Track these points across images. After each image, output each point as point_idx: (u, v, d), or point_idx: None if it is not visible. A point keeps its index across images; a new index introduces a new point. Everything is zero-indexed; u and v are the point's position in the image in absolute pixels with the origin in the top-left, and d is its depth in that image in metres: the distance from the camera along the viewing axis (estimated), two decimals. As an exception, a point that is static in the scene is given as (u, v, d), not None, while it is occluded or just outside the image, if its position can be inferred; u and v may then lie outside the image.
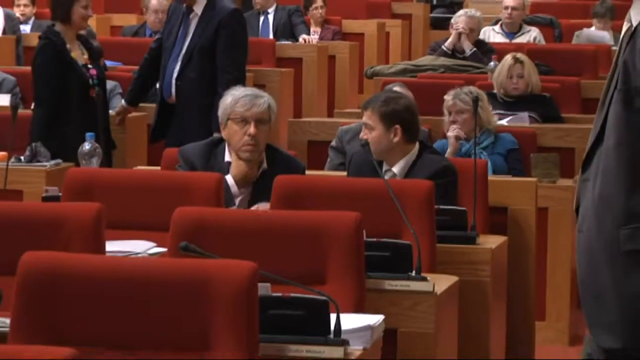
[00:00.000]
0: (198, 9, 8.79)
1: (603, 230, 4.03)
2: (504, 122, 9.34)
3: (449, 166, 7.08)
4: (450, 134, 8.18)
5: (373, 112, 6.82)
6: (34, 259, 4.39)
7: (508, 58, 10.02)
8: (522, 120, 9.40)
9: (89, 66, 8.85)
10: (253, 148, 6.49)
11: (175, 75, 8.79)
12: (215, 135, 7.35)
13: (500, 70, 9.93)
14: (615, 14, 13.70)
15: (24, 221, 5.54)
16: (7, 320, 4.23)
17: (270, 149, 6.65)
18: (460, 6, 15.09)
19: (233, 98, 6.67)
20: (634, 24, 4.07)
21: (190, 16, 8.82)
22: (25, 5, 14.59)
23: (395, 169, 6.68)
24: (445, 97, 8.27)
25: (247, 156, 6.49)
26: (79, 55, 8.83)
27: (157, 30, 12.33)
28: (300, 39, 13.47)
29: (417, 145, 6.90)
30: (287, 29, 13.77)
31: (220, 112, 6.64)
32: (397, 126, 6.87)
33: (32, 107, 8.91)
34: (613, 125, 4.04)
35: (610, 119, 4.06)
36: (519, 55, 10.38)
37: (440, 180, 6.59)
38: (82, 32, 9.35)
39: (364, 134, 6.81)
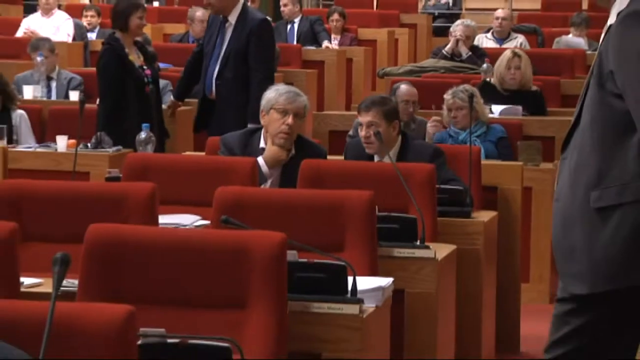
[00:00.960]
0: (232, 19, 8.78)
1: (577, 195, 4.08)
2: (501, 107, 9.35)
3: (437, 148, 7.09)
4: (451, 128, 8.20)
5: (377, 112, 6.78)
6: (98, 230, 4.41)
7: (507, 52, 9.98)
8: (517, 111, 9.38)
9: (144, 67, 8.86)
10: (287, 137, 6.50)
11: (215, 75, 8.78)
12: (250, 125, 7.35)
13: (500, 62, 9.90)
14: (590, 24, 13.70)
15: (90, 198, 5.55)
16: (76, 282, 4.23)
17: (298, 138, 6.65)
18: (457, 17, 15.06)
19: (277, 92, 6.68)
20: (610, 23, 4.11)
21: (226, 25, 8.81)
22: (91, 16, 14.66)
23: (387, 159, 6.65)
24: (445, 96, 8.25)
25: (281, 142, 6.50)
26: (136, 58, 8.85)
27: (199, 37, 12.36)
28: (323, 45, 13.47)
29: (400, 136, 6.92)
30: (310, 36, 13.77)
31: (263, 102, 6.64)
32: (396, 121, 6.87)
33: (97, 102, 8.90)
34: (589, 105, 4.10)
35: (587, 101, 4.11)
36: (517, 50, 10.39)
37: (437, 161, 6.60)
38: (139, 38, 9.37)
39: (367, 132, 6.76)
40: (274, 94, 6.68)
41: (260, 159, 6.46)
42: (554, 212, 4.24)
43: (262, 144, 6.63)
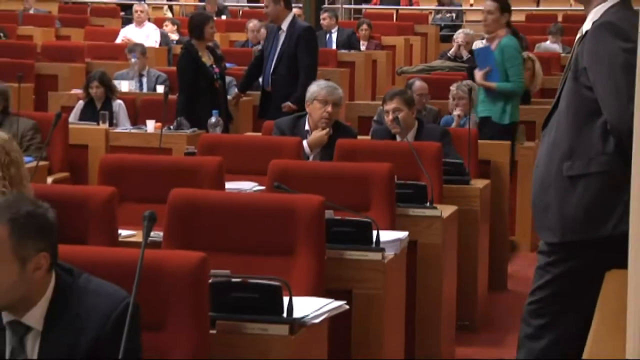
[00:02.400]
0: (284, 27, 8.76)
1: (552, 164, 4.13)
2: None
3: (445, 130, 7.11)
4: (455, 112, 8.16)
5: (400, 100, 6.78)
6: (178, 193, 4.42)
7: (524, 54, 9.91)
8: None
9: (214, 66, 8.87)
10: (327, 122, 6.50)
11: (271, 71, 8.77)
12: (296, 114, 7.34)
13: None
14: (563, 32, 13.67)
15: (172, 168, 5.56)
16: (161, 234, 4.24)
17: (335, 122, 6.64)
18: (459, 27, 14.98)
19: (319, 86, 6.67)
20: (584, 30, 4.12)
21: (279, 32, 8.79)
22: (172, 27, 14.73)
23: (408, 137, 6.64)
24: (451, 87, 8.22)
25: (323, 126, 6.51)
26: (207, 59, 8.85)
27: (255, 43, 12.43)
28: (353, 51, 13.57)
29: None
30: (345, 43, 13.76)
31: (308, 94, 6.65)
32: (414, 107, 6.87)
33: (177, 94, 8.91)
34: (565, 93, 4.13)
35: (564, 91, 4.15)
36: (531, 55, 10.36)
37: (444, 140, 6.59)
38: (210, 43, 9.37)
39: (392, 116, 6.77)
40: (316, 88, 6.66)
41: (304, 142, 6.46)
42: (533, 177, 4.33)
43: (306, 127, 6.63)
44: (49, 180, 6.83)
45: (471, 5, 18.90)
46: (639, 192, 1.22)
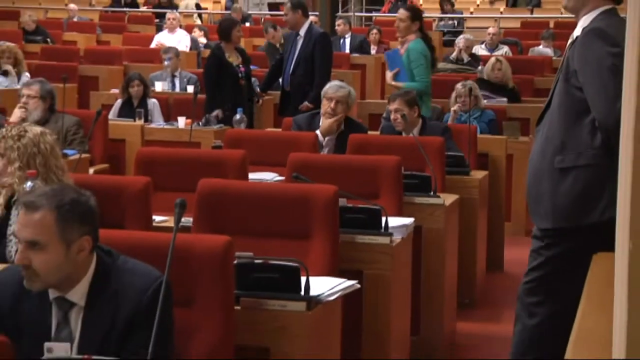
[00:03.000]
0: (302, 33, 8.73)
1: (545, 157, 4.12)
2: (492, 102, 9.26)
3: (446, 127, 7.10)
4: (452, 109, 8.14)
5: (402, 101, 6.78)
6: (207, 183, 4.42)
7: (493, 59, 9.91)
8: (502, 102, 9.29)
9: (240, 66, 8.88)
10: (330, 116, 6.50)
11: (290, 73, 8.76)
12: (312, 111, 7.34)
13: (488, 65, 9.81)
14: (555, 38, 13.62)
15: (201, 160, 5.56)
16: (190, 219, 4.24)
17: (347, 118, 6.65)
18: (460, 33, 14.93)
19: (329, 85, 6.73)
20: (575, 35, 4.11)
21: (297, 38, 8.77)
22: (200, 33, 14.76)
23: (411, 135, 6.64)
24: (456, 86, 8.22)
25: (327, 117, 6.53)
26: (235, 59, 8.86)
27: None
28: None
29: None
30: (357, 47, 13.76)
31: (322, 93, 6.70)
32: (416, 107, 6.86)
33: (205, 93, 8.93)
34: (557, 93, 4.12)
35: (556, 91, 4.14)
36: (500, 57, 10.34)
37: (446, 135, 6.58)
38: (238, 45, 9.39)
39: (395, 115, 6.79)
40: (327, 87, 6.74)
41: (317, 131, 6.49)
42: (528, 168, 4.34)
43: (321, 122, 6.64)
44: (91, 171, 6.83)
45: (471, 13, 18.88)
46: (625, 182, 1.20)
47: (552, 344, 4.07)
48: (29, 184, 4.01)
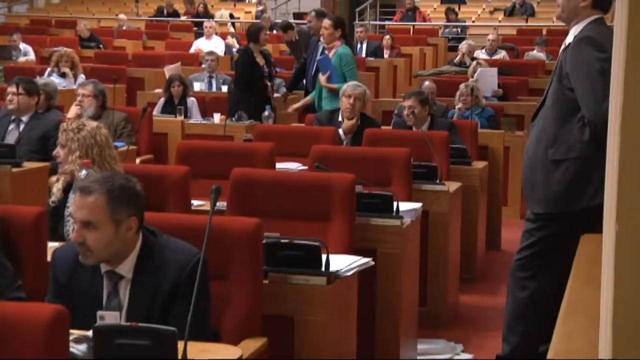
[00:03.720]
0: (322, 39, 8.73)
1: (539, 150, 4.13)
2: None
3: (452, 123, 7.08)
4: (457, 106, 8.12)
5: (416, 99, 6.78)
6: (239, 171, 4.43)
7: (474, 62, 9.96)
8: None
9: (265, 67, 8.87)
10: (349, 112, 6.49)
11: (312, 74, 8.72)
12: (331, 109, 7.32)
13: (470, 68, 9.83)
14: (548, 44, 13.56)
15: (234, 151, 5.56)
16: (225, 204, 4.24)
17: (363, 114, 6.64)
18: (463, 39, 14.86)
19: (347, 85, 6.71)
20: (567, 42, 4.11)
21: (319, 43, 8.73)
22: (233, 38, 14.77)
23: (423, 128, 6.65)
24: (460, 86, 8.20)
25: (347, 115, 6.51)
26: (261, 60, 8.85)
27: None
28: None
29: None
30: (372, 52, 13.73)
31: (341, 92, 6.69)
32: (427, 106, 6.85)
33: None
34: (551, 93, 4.12)
35: (550, 91, 4.14)
36: (481, 61, 10.33)
37: (451, 130, 6.57)
38: (264, 48, 9.36)
39: (408, 111, 6.79)
40: (345, 86, 6.73)
41: (340, 130, 6.47)
42: (524, 160, 4.38)
43: (339, 119, 6.63)
44: (137, 160, 6.85)
45: (473, 22, 18.81)
46: (612, 171, 1.19)
47: (540, 315, 4.08)
48: (84, 171, 4.03)
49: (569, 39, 4.09)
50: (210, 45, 13.39)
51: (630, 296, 1.14)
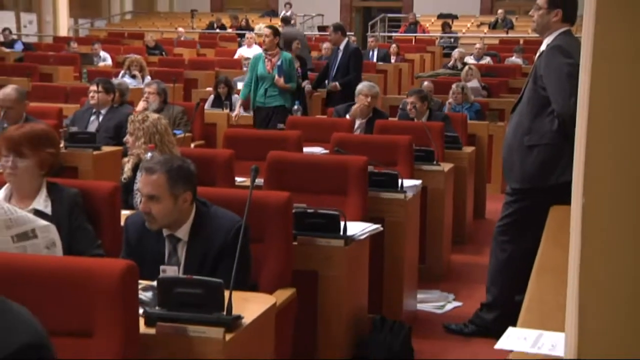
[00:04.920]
0: (341, 47, 8.64)
1: (517, 137, 4.08)
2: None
3: (446, 116, 7.00)
4: (447, 102, 8.07)
5: (417, 97, 6.74)
6: (273, 154, 4.42)
7: (467, 67, 9.84)
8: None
9: (299, 69, 8.82)
10: (366, 108, 6.46)
11: (333, 76, 8.68)
12: (349, 103, 7.28)
13: (463, 72, 9.73)
14: (524, 52, 13.43)
15: (270, 138, 5.54)
16: (262, 180, 4.26)
17: (374, 108, 6.60)
18: (455, 47, 14.74)
19: (363, 85, 6.64)
20: (541, 50, 4.06)
21: (338, 51, 8.68)
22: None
23: (422, 119, 6.61)
24: (452, 86, 8.13)
25: (364, 110, 6.47)
26: (296, 63, 8.79)
27: (327, 56, 12.28)
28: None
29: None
30: (382, 58, 13.63)
31: (357, 90, 6.61)
32: (426, 102, 6.80)
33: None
34: (527, 92, 4.08)
35: (526, 90, 4.09)
36: (471, 66, 10.21)
37: (446, 121, 6.54)
38: (298, 53, 9.31)
39: (410, 106, 6.74)
40: (361, 86, 6.65)
41: (347, 115, 6.53)
42: (503, 145, 4.30)
43: (355, 108, 6.59)
44: (192, 145, 6.85)
45: (463, 33, 18.67)
46: (580, 153, 1.17)
47: (517, 271, 4.06)
48: (149, 154, 4.03)
49: (543, 47, 4.06)
50: (251, 52, 13.29)
51: (594, 257, 1.12)
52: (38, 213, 3.06)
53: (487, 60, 13.13)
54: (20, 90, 5.59)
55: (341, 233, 3.46)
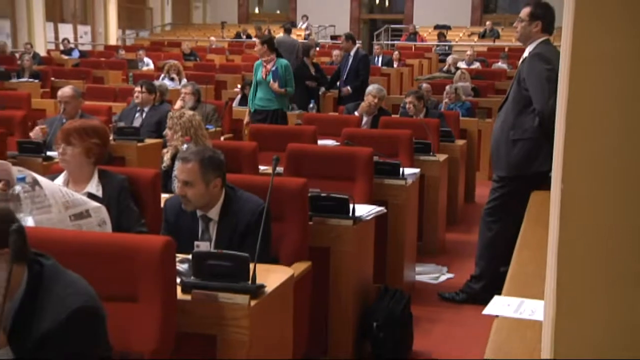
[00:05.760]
0: (351, 54, 8.60)
1: (503, 132, 4.05)
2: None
3: (441, 113, 6.95)
4: (443, 101, 8.02)
5: (414, 97, 6.69)
6: (292, 146, 4.41)
7: (459, 72, 9.77)
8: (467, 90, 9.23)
9: (315, 74, 8.80)
10: (374, 107, 6.42)
11: (344, 79, 8.65)
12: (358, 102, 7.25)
13: (456, 76, 9.65)
14: (509, 58, 13.31)
15: (289, 132, 5.54)
16: (282, 169, 4.25)
17: (380, 107, 6.57)
18: (449, 54, 14.63)
19: (372, 87, 6.60)
20: (524, 57, 4.03)
21: (349, 57, 8.63)
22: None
23: (420, 116, 6.57)
24: (446, 87, 8.10)
25: (370, 109, 6.44)
26: (310, 67, 8.78)
27: (337, 62, 12.19)
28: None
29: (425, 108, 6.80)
30: (386, 63, 13.54)
31: (366, 91, 6.58)
32: (422, 100, 6.75)
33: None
34: (512, 92, 4.04)
35: (511, 91, 4.05)
36: (463, 70, 10.14)
37: (441, 118, 6.50)
38: (314, 61, 9.26)
39: (409, 105, 6.69)
40: (370, 88, 6.61)
41: (356, 112, 6.48)
42: (491, 139, 4.28)
43: (363, 106, 6.55)
44: (222, 138, 6.85)
45: (456, 42, 18.54)
46: (559, 145, 1.17)
47: (502, 247, 4.04)
48: (185, 146, 4.04)
49: (525, 54, 4.03)
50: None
51: (571, 235, 1.12)
52: (91, 196, 3.07)
53: (476, 65, 13.03)
54: (76, 90, 5.62)
55: (350, 214, 3.45)
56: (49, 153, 4.89)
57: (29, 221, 2.71)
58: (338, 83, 8.99)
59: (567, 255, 1.08)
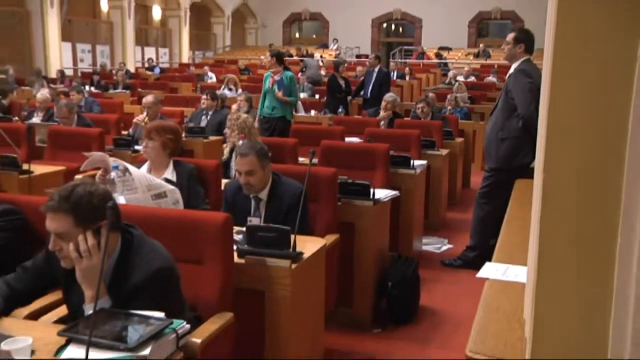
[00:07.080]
0: (375, 70, 8.42)
1: (493, 132, 3.99)
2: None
3: (444, 116, 6.83)
4: (447, 107, 7.90)
5: (424, 103, 6.60)
6: (325, 142, 4.37)
7: (457, 83, 9.61)
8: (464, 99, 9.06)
9: (344, 86, 8.72)
10: (386, 114, 6.36)
11: (370, 90, 8.53)
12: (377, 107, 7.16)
13: (455, 87, 9.50)
14: (498, 72, 13.07)
15: (322, 131, 5.50)
16: (317, 160, 4.22)
17: (394, 111, 6.47)
18: (450, 69, 14.42)
19: (388, 95, 6.45)
20: (510, 72, 3.96)
21: (373, 72, 8.49)
22: (324, 68, 14.54)
23: (428, 119, 6.48)
24: (448, 96, 8.00)
25: (385, 115, 6.38)
26: (341, 80, 8.69)
27: (360, 76, 12.01)
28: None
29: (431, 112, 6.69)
30: (399, 76, 13.38)
31: (384, 99, 6.41)
32: (430, 107, 6.65)
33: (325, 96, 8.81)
34: (500, 101, 3.98)
35: (500, 100, 3.99)
36: (460, 82, 9.97)
37: (444, 121, 6.41)
38: (343, 75, 9.15)
39: (420, 109, 6.59)
40: (386, 96, 6.49)
41: (377, 118, 6.37)
42: (484, 138, 4.22)
43: (382, 114, 6.46)
44: (269, 136, 6.87)
45: (455, 60, 18.28)
46: (541, 141, 1.15)
47: (492, 224, 4.00)
48: (240, 142, 4.05)
49: (511, 70, 3.99)
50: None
51: (551, 214, 1.10)
52: (167, 181, 3.11)
53: (472, 78, 12.85)
54: (156, 97, 5.69)
55: (371, 197, 3.43)
56: (136, 147, 5.02)
57: (121, 199, 2.77)
58: (362, 92, 8.91)
59: (546, 230, 1.07)
